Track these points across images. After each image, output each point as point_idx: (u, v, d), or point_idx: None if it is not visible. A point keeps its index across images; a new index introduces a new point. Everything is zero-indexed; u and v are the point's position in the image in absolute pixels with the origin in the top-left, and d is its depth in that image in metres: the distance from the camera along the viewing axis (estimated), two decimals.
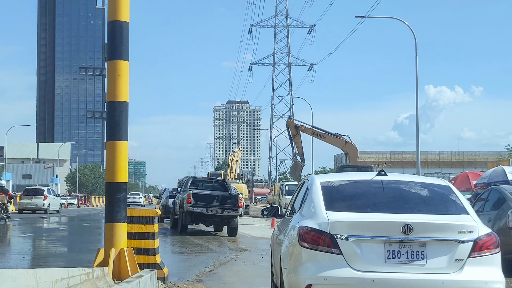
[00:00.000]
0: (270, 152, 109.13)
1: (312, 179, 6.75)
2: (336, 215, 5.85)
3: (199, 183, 23.49)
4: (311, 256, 5.73)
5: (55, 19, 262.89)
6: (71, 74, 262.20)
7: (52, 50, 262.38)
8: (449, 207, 6.15)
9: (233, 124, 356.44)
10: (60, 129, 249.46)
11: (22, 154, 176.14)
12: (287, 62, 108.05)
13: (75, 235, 22.93)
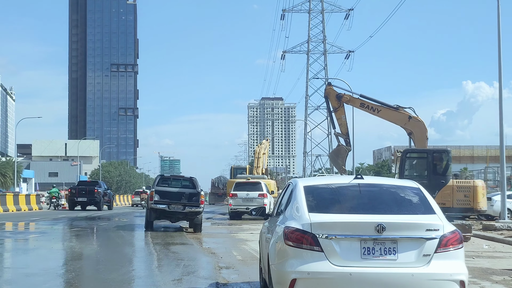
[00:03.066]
0: (305, 146, 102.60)
1: (296, 182, 7.44)
2: (317, 217, 6.49)
3: (168, 180, 23.80)
4: (295, 253, 6.36)
5: (86, 15, 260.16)
6: (103, 71, 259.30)
7: (84, 47, 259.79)
8: (418, 207, 6.80)
9: (267, 121, 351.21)
10: (92, 127, 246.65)
11: (50, 151, 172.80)
12: (323, 50, 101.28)
13: None
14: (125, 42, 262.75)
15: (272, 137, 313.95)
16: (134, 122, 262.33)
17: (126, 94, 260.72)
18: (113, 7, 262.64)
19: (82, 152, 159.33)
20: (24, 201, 40.80)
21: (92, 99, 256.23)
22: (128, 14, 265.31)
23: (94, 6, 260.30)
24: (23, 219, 28.60)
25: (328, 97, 30.76)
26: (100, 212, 39.96)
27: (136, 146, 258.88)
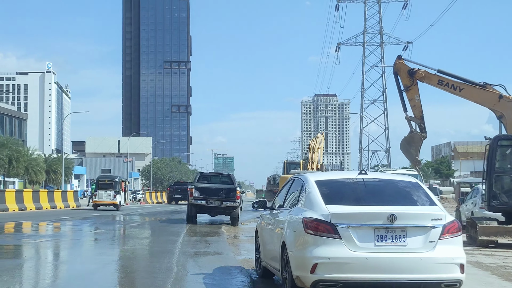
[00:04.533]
0: (360, 142, 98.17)
1: (306, 178, 8.11)
2: (335, 208, 7.15)
3: (207, 177, 25.07)
4: (315, 240, 6.98)
5: (139, 13, 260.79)
6: (156, 68, 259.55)
7: (137, 44, 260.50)
8: (421, 199, 7.55)
9: (321, 117, 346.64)
10: (145, 124, 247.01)
11: (103, 148, 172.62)
12: (379, 41, 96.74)
13: None
14: (178, 39, 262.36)
15: (326, 134, 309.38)
16: (187, 119, 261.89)
17: (179, 91, 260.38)
18: (166, 4, 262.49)
19: (135, 149, 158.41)
20: (60, 198, 38.22)
21: (146, 97, 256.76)
22: (181, 11, 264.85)
23: (147, 4, 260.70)
24: (47, 218, 25.78)
25: (398, 73, 25.22)
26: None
27: (189, 143, 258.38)
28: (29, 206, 33.37)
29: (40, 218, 25.55)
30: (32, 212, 31.97)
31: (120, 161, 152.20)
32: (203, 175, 25.47)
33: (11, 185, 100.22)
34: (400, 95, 25.30)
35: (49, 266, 10.59)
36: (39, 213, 30.53)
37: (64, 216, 27.96)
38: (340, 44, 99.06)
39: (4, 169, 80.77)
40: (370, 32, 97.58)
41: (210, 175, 25.82)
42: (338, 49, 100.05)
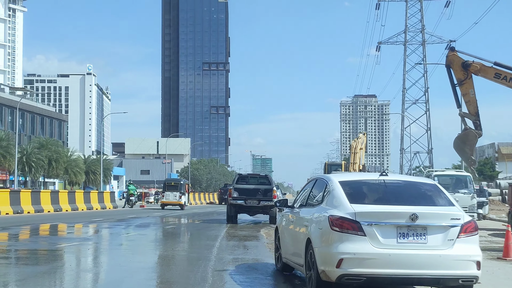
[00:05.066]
0: (402, 143, 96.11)
1: (330, 178, 8.51)
2: (360, 207, 7.52)
3: (246, 179, 26.13)
4: (341, 237, 7.33)
5: (178, 15, 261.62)
6: (195, 69, 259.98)
7: (176, 46, 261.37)
8: (440, 200, 7.93)
9: (360, 118, 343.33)
10: (184, 125, 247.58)
11: (142, 149, 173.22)
12: (421, 40, 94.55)
13: None
14: (217, 40, 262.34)
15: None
16: (226, 120, 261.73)
17: (218, 93, 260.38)
18: (205, 5, 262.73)
19: (173, 150, 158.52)
20: (97, 199, 37.59)
21: (185, 98, 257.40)
22: (220, 12, 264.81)
23: (186, 6, 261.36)
24: (81, 220, 25.04)
25: (451, 66, 23.14)
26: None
27: (227, 145, 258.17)
28: (64, 207, 32.79)
29: (74, 220, 24.82)
30: (67, 213, 31.35)
31: (159, 162, 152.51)
32: (242, 177, 26.51)
33: (51, 186, 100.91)
34: (453, 90, 22.97)
35: (71, 275, 9.61)
36: (74, 215, 29.87)
37: (99, 217, 27.20)
38: (380, 43, 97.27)
39: (44, 170, 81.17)
40: (412, 31, 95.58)
41: (248, 177, 26.78)
42: (378, 48, 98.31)
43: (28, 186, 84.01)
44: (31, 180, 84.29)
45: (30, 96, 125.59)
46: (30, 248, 13.55)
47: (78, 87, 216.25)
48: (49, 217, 27.01)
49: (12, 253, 12.52)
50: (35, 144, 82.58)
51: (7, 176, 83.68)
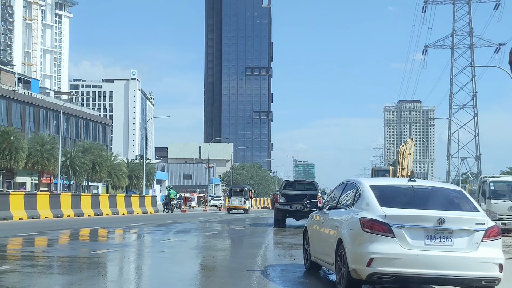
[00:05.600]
0: (449, 148, 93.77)
1: (360, 182, 8.91)
2: (390, 210, 7.89)
3: (293, 185, 27.49)
4: (371, 238, 7.73)
5: (222, 20, 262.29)
6: (238, 75, 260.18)
7: (219, 51, 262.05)
8: (465, 206, 8.27)
9: (405, 124, 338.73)
10: (226, 130, 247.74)
11: (185, 154, 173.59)
12: (469, 43, 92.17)
13: None
14: (260, 45, 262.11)
15: None
16: (268, 125, 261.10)
17: (260, 98, 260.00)
18: (248, 10, 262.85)
19: (216, 155, 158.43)
20: (138, 203, 37.04)
21: (227, 103, 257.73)
22: (263, 17, 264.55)
23: (229, 11, 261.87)
24: (120, 224, 24.35)
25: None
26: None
27: (269, 150, 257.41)
28: (105, 211, 32.28)
29: (113, 224, 24.17)
30: (107, 217, 30.83)
31: (202, 167, 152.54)
32: (289, 183, 27.90)
33: (94, 189, 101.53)
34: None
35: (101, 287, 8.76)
36: (114, 219, 29.30)
37: (139, 222, 26.53)
38: (427, 47, 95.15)
39: (87, 174, 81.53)
40: (459, 34, 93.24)
41: (295, 183, 28.20)
42: (425, 52, 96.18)
43: (72, 189, 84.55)
44: (75, 183, 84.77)
45: (75, 100, 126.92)
46: (65, 255, 12.80)
47: (123, 92, 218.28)
48: (89, 221, 26.47)
49: (46, 260, 11.77)
50: (79, 148, 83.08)
51: (52, 180, 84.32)
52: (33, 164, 70.71)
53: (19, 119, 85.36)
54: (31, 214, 25.79)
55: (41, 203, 26.88)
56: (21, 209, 25.34)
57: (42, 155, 70.75)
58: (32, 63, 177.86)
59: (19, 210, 25.20)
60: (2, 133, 66.25)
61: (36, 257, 12.21)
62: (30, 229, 20.04)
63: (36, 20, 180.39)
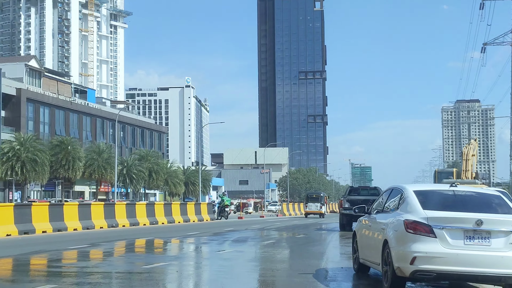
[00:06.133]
0: (511, 148, 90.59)
1: (404, 187, 9.49)
2: (431, 213, 8.49)
3: (357, 190, 29.09)
4: (414, 238, 8.30)
5: (274, 25, 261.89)
6: (291, 79, 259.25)
7: (272, 56, 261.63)
8: (503, 209, 8.79)
9: (463, 124, 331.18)
10: (281, 135, 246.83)
11: (240, 160, 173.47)
12: None
13: None
14: (313, 49, 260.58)
15: (468, 141, 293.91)
16: (323, 129, 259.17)
17: (315, 101, 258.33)
18: (300, 15, 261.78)
19: (271, 160, 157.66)
20: (193, 211, 36.39)
21: (281, 108, 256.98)
22: (315, 21, 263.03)
23: (281, 16, 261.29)
24: (175, 233, 23.62)
25: None
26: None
27: (325, 153, 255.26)
28: (160, 219, 31.75)
29: (168, 234, 23.50)
30: (163, 226, 30.26)
31: (257, 172, 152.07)
32: (353, 189, 29.46)
33: (152, 197, 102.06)
34: None
35: None
36: (169, 228, 28.68)
37: (194, 231, 25.80)
38: (486, 44, 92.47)
39: (144, 182, 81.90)
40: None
41: (359, 188, 29.81)
42: (483, 49, 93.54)
43: (130, 197, 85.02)
44: (132, 191, 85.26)
45: (131, 109, 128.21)
46: (117, 270, 12.08)
47: (177, 99, 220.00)
48: (144, 231, 25.90)
49: (96, 276, 11.05)
50: (135, 156, 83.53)
51: (110, 188, 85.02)
52: (90, 173, 71.30)
53: (76, 129, 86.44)
54: (85, 224, 25.38)
55: (96, 213, 26.46)
56: (75, 220, 24.95)
57: (99, 164, 71.27)
58: (89, 73, 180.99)
59: (73, 221, 24.82)
60: (60, 143, 66.98)
61: (85, 273, 11.51)
62: (84, 240, 19.53)
63: (92, 31, 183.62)
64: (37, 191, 76.27)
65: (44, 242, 19.07)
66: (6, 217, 21.28)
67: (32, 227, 22.29)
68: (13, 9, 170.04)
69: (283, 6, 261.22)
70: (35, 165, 60.46)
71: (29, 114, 77.49)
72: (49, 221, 23.42)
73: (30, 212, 22.61)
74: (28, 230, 21.99)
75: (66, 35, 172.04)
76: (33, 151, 60.53)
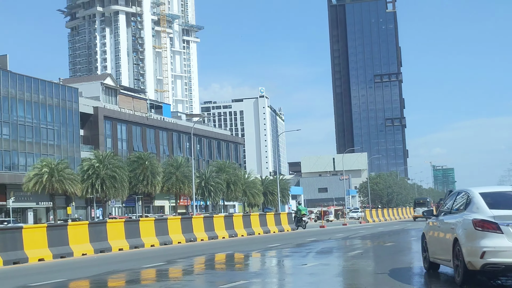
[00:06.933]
0: None
1: (471, 190, 10.41)
2: (497, 212, 9.33)
3: None
4: (483, 235, 9.15)
5: (346, 29, 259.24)
6: (366, 83, 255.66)
7: (346, 61, 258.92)
8: None
9: None
10: (359, 140, 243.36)
11: (318, 167, 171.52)
12: None
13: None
14: (387, 51, 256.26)
15: None
16: (402, 132, 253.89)
17: (392, 104, 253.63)
18: (372, 17, 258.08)
19: (350, 166, 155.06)
20: (273, 221, 35.08)
21: (358, 112, 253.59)
22: (388, 22, 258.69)
23: (353, 19, 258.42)
24: (255, 246, 22.31)
25: None
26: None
27: (405, 157, 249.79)
28: (239, 232, 30.64)
29: (249, 247, 22.29)
30: (242, 239, 29.12)
31: (336, 179, 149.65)
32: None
33: (231, 208, 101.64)
34: None
35: None
36: (249, 240, 27.50)
37: (275, 243, 24.49)
38: None
39: (223, 193, 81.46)
40: None
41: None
42: None
43: (209, 210, 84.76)
44: (211, 204, 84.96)
45: (206, 122, 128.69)
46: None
47: (252, 110, 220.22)
48: (223, 244, 24.80)
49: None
50: (213, 168, 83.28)
51: (189, 202, 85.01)
52: (169, 187, 71.32)
53: (153, 144, 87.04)
54: (163, 240, 24.51)
55: (173, 228, 25.56)
56: (152, 236, 24.12)
57: (177, 178, 71.19)
58: (164, 89, 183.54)
59: (150, 237, 23.99)
60: (138, 159, 67.28)
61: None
62: (161, 257, 18.57)
63: (165, 48, 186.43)
64: (118, 208, 77.04)
65: (120, 260, 18.23)
66: (81, 235, 20.62)
67: (108, 245, 21.57)
68: (88, 30, 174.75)
69: (354, 10, 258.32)
70: (114, 181, 60.83)
71: (106, 132, 78.53)
72: (125, 238, 22.67)
73: (106, 229, 21.90)
74: (104, 248, 21.28)
75: (141, 53, 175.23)
76: (111, 168, 60.93)
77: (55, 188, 57.06)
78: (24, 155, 66.34)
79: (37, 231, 19.28)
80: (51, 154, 66.81)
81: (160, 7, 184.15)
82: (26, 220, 64.54)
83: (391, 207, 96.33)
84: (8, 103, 64.21)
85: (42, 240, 18.90)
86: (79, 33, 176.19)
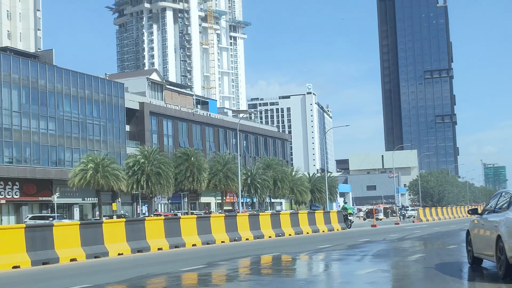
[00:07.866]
0: None
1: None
2: None
3: None
4: None
5: (395, 24, 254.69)
6: (416, 79, 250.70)
7: (395, 57, 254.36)
8: None
9: None
10: (408, 137, 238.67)
11: (367, 165, 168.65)
12: None
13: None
14: (437, 47, 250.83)
15: None
16: (453, 129, 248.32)
17: (442, 101, 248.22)
18: (423, 12, 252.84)
19: (399, 163, 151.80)
20: (322, 220, 33.24)
21: (407, 109, 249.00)
22: (439, 17, 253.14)
23: (403, 14, 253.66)
24: (304, 247, 20.58)
25: None
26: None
27: (456, 154, 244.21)
28: (287, 231, 28.97)
29: (297, 248, 20.63)
30: (290, 238, 27.43)
31: (385, 177, 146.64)
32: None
33: (278, 206, 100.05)
34: None
35: None
36: (297, 240, 25.80)
37: (325, 243, 22.73)
38: None
39: (269, 191, 79.89)
40: None
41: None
42: None
43: (255, 207, 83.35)
44: (257, 201, 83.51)
45: (253, 118, 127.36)
46: None
47: (299, 107, 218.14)
48: (269, 244, 23.19)
49: None
50: (259, 164, 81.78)
51: (235, 199, 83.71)
52: (215, 184, 70.05)
53: (199, 140, 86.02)
54: (205, 239, 23.01)
55: (216, 226, 24.04)
56: (194, 234, 22.64)
57: (224, 175, 69.89)
58: (211, 86, 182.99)
59: (192, 236, 22.53)
60: (183, 155, 66.18)
61: None
62: (202, 259, 17.07)
63: (212, 44, 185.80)
64: (164, 204, 76.20)
65: (157, 262, 16.77)
66: (117, 234, 19.26)
67: (146, 244, 20.18)
68: (136, 27, 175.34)
69: (404, 4, 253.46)
70: (160, 177, 59.80)
71: (152, 127, 77.76)
72: (165, 236, 21.24)
73: (144, 228, 20.50)
74: (142, 248, 19.90)
75: (188, 49, 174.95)
76: (156, 164, 59.91)
77: (100, 184, 56.30)
78: (70, 150, 65.93)
79: (69, 229, 17.99)
80: (97, 150, 66.25)
81: (207, 3, 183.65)
82: (72, 216, 64.15)
83: (442, 205, 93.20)
84: (54, 98, 63.83)
85: (74, 238, 17.60)
86: (127, 29, 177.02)
